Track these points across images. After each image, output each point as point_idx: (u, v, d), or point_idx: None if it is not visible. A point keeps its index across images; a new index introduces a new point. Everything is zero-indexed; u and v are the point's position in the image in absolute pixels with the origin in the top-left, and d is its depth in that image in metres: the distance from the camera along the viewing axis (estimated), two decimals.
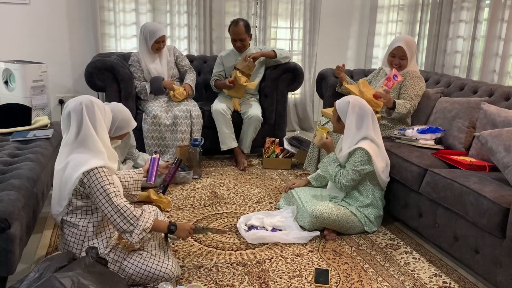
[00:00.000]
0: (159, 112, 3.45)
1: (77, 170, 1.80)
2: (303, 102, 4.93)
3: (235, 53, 3.84)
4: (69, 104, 1.90)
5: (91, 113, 1.89)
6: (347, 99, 2.52)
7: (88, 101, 1.90)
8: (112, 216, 1.80)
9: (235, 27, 3.69)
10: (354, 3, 5.00)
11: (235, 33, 3.70)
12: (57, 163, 1.93)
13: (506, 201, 1.90)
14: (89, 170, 1.79)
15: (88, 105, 1.89)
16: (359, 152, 2.44)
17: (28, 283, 1.57)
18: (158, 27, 3.56)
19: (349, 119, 2.49)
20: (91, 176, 1.79)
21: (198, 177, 3.36)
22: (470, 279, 2.14)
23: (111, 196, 1.80)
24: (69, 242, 1.89)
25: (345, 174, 2.47)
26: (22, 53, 3.96)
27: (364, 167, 2.44)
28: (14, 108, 2.86)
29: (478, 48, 3.87)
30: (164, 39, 3.56)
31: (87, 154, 1.84)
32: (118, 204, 1.80)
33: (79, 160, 1.82)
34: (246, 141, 3.70)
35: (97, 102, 1.94)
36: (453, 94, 3.10)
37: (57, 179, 1.90)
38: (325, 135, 2.63)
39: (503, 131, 2.14)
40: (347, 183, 2.47)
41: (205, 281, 2.02)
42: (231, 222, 2.64)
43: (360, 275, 2.13)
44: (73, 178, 1.80)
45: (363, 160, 2.43)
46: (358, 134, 2.48)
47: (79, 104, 1.88)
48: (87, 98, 1.92)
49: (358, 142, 2.47)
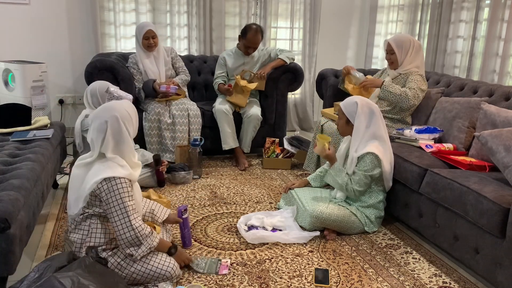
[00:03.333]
0: (160, 109, 3.45)
1: (98, 174, 1.80)
2: (303, 102, 4.93)
3: (239, 54, 3.80)
4: (94, 121, 1.87)
5: (116, 131, 1.86)
6: (353, 100, 2.51)
7: (113, 119, 1.84)
8: (123, 230, 1.80)
9: (255, 36, 3.63)
10: (354, 3, 5.00)
11: (253, 42, 3.66)
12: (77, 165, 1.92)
13: (506, 201, 1.90)
14: (111, 177, 1.78)
15: (113, 124, 1.85)
16: (370, 157, 2.42)
17: (28, 283, 1.58)
18: (146, 23, 3.57)
19: (359, 120, 2.46)
20: (112, 185, 1.78)
21: (198, 177, 3.36)
22: (470, 279, 2.14)
23: (129, 214, 1.79)
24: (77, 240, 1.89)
25: (357, 179, 2.44)
26: (22, 53, 3.96)
27: (375, 171, 2.44)
28: (14, 108, 2.86)
29: (478, 48, 3.86)
30: (153, 34, 3.52)
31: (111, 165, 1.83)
32: (134, 224, 1.79)
33: (103, 166, 1.82)
34: (246, 140, 3.70)
35: (122, 114, 1.87)
36: (453, 94, 3.10)
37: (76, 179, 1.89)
38: (327, 146, 2.54)
39: (503, 131, 2.14)
40: (360, 189, 2.46)
41: (205, 281, 2.02)
42: (231, 222, 2.64)
43: (360, 275, 2.13)
44: (92, 181, 1.80)
45: (373, 165, 2.43)
46: (366, 133, 2.47)
47: (104, 123, 1.84)
48: (112, 114, 1.85)
49: (366, 145, 2.44)
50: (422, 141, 2.74)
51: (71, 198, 1.91)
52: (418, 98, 2.99)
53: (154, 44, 3.55)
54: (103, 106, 1.92)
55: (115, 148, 1.87)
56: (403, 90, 2.97)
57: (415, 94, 2.97)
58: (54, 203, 2.85)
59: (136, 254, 1.85)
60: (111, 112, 1.86)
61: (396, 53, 3.09)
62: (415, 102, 3.00)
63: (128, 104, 1.95)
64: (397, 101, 2.99)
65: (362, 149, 2.45)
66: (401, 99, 2.97)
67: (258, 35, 3.65)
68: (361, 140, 2.47)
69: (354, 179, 2.46)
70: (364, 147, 2.45)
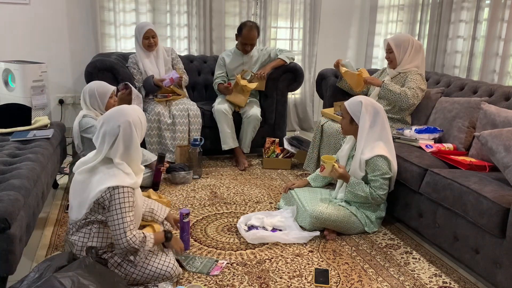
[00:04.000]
0: (160, 109, 3.45)
1: (103, 183, 1.79)
2: (303, 102, 4.93)
3: (238, 54, 3.81)
4: (106, 124, 1.85)
5: (127, 136, 1.85)
6: (358, 99, 2.50)
7: (126, 124, 1.84)
8: (119, 240, 1.79)
9: (249, 32, 3.64)
10: (354, 3, 5.00)
11: (249, 38, 3.66)
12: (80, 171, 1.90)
13: (506, 201, 1.90)
14: (115, 186, 1.78)
15: (125, 129, 1.84)
16: (381, 160, 2.42)
17: (28, 283, 1.58)
18: (146, 23, 3.57)
19: (363, 119, 2.46)
20: (115, 194, 1.78)
21: (198, 177, 3.36)
22: (470, 279, 2.14)
23: (126, 226, 1.78)
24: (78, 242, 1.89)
25: (379, 185, 2.43)
26: (22, 53, 3.96)
27: (390, 173, 2.45)
28: (14, 108, 2.86)
29: (478, 48, 3.86)
30: (153, 34, 3.53)
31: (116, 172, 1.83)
32: (128, 236, 1.79)
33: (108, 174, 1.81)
34: (245, 140, 3.70)
35: (134, 120, 1.86)
36: (453, 94, 3.10)
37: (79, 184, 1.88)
38: (336, 166, 2.49)
39: (503, 131, 2.14)
40: (384, 192, 2.45)
41: (205, 281, 2.02)
42: (231, 222, 2.64)
43: (360, 275, 2.13)
44: (97, 189, 1.79)
45: (388, 167, 2.44)
46: (371, 133, 2.46)
47: (116, 127, 1.83)
48: (125, 119, 1.84)
49: (373, 148, 2.43)
50: (422, 141, 2.74)
51: (73, 203, 1.90)
52: (417, 97, 3.00)
53: (154, 43, 3.55)
54: (115, 110, 1.90)
55: (124, 154, 1.86)
56: (402, 89, 2.98)
57: (414, 94, 2.97)
58: (54, 203, 2.85)
59: (134, 260, 1.86)
60: (124, 117, 1.85)
61: (394, 52, 3.10)
62: (415, 102, 3.00)
63: (140, 110, 1.95)
64: (397, 100, 3.00)
65: (370, 151, 2.43)
66: (400, 98, 2.97)
67: (253, 31, 3.66)
68: (366, 140, 2.46)
69: (375, 186, 2.44)
70: (371, 149, 2.44)
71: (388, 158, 2.43)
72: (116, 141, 1.83)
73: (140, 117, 1.91)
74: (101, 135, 1.86)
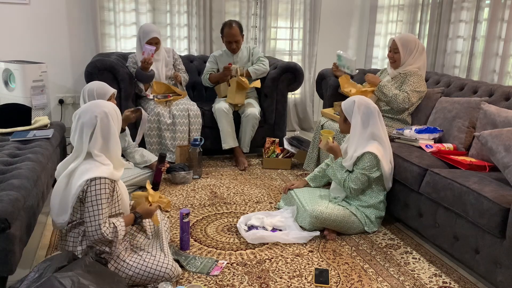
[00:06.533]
0: (160, 110, 3.45)
1: (81, 177, 1.80)
2: (303, 102, 4.93)
3: (228, 54, 3.85)
4: (83, 116, 1.86)
5: (105, 127, 1.86)
6: (352, 99, 2.54)
7: (103, 114, 1.85)
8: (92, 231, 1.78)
9: (230, 29, 3.70)
10: (354, 3, 5.00)
11: (230, 35, 3.70)
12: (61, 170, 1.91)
13: (506, 201, 1.90)
14: (93, 178, 1.78)
15: (102, 119, 1.85)
16: (368, 157, 2.44)
17: (28, 283, 1.57)
18: (152, 29, 3.56)
19: (355, 119, 2.49)
20: (92, 185, 1.78)
21: (198, 177, 3.36)
22: (470, 279, 2.14)
23: (101, 218, 1.78)
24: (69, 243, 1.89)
25: (354, 178, 2.46)
26: (22, 53, 3.96)
27: (373, 171, 2.45)
28: (14, 108, 2.86)
29: (478, 48, 3.87)
30: (158, 41, 3.55)
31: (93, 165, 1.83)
32: (102, 228, 1.78)
33: (85, 168, 1.82)
34: (245, 139, 3.71)
35: (110, 111, 1.89)
36: (453, 94, 3.10)
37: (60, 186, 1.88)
38: (331, 140, 2.60)
39: (503, 131, 2.14)
40: (356, 187, 2.47)
41: (205, 281, 2.02)
42: (231, 222, 2.64)
43: (360, 275, 2.13)
44: (76, 185, 1.79)
45: (372, 165, 2.44)
46: (364, 133, 2.48)
47: (94, 117, 1.84)
48: (101, 110, 1.86)
49: (366, 146, 2.46)
50: (422, 141, 2.74)
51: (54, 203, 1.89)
52: (408, 102, 3.03)
53: (157, 48, 3.56)
54: (90, 103, 1.92)
55: (103, 146, 1.87)
56: (394, 93, 3.01)
57: (405, 98, 3.01)
58: None
59: (111, 251, 1.86)
60: (101, 107, 1.88)
61: (400, 52, 3.10)
62: (405, 106, 3.04)
63: (113, 104, 1.97)
64: (388, 102, 3.07)
65: (362, 149, 2.46)
66: (391, 102, 3.05)
67: (233, 28, 3.69)
68: (358, 139, 2.49)
69: (351, 177, 2.48)
70: (363, 147, 2.46)
71: (377, 157, 2.44)
72: (94, 132, 1.84)
73: (115, 109, 1.94)
74: (79, 128, 1.86)
